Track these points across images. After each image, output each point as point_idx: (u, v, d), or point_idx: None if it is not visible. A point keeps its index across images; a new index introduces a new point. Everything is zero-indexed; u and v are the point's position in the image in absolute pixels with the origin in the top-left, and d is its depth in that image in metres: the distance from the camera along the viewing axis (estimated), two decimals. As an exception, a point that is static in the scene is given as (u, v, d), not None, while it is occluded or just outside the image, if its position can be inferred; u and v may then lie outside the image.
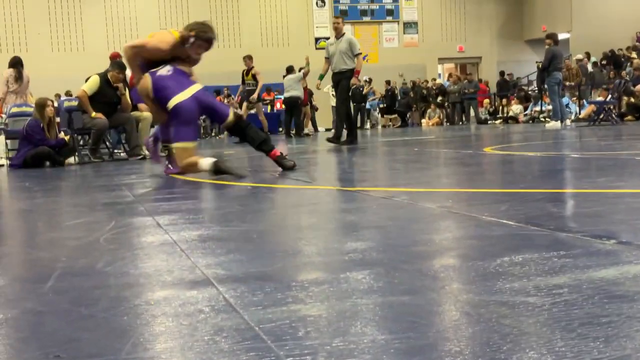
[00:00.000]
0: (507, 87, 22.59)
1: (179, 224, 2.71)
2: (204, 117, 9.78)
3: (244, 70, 13.38)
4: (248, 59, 13.20)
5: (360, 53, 9.68)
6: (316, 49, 23.81)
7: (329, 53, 9.85)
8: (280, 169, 5.09)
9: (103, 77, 8.60)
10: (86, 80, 8.81)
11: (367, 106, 21.65)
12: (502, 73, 22.90)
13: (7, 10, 20.77)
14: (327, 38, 24.44)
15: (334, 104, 12.94)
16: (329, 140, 9.86)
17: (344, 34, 9.83)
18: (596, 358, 1.01)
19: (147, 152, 8.78)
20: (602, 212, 2.52)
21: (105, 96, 8.54)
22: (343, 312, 1.33)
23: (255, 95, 13.98)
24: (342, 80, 9.66)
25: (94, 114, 8.40)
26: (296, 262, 1.89)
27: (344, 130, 9.83)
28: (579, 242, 1.90)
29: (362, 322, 1.26)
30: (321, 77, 10.10)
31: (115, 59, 10.88)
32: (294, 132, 15.78)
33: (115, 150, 9.74)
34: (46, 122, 7.83)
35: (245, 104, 13.68)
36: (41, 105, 7.94)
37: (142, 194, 4.12)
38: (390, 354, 1.08)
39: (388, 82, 23.13)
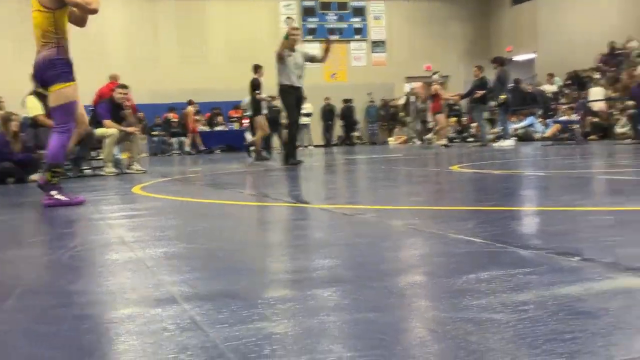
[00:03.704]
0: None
1: (145, 241, 2.68)
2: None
3: (257, 81, 11.89)
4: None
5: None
6: (284, 65, 23.83)
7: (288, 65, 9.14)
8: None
9: (34, 92, 8.28)
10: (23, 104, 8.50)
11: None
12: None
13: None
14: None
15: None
16: (290, 163, 9.07)
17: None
18: (561, 374, 1.01)
19: (114, 170, 8.67)
20: (567, 229, 2.55)
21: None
22: (310, 329, 1.32)
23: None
24: (301, 97, 9.30)
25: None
26: (263, 279, 1.87)
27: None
28: (543, 259, 1.93)
29: (329, 339, 1.26)
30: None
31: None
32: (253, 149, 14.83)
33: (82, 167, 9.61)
34: (11, 136, 7.70)
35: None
36: (5, 119, 7.81)
37: (106, 210, 4.07)
38: (357, 371, 1.07)
39: (346, 100, 23.39)
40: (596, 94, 18.09)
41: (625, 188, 4.28)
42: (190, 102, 19.62)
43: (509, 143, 14.33)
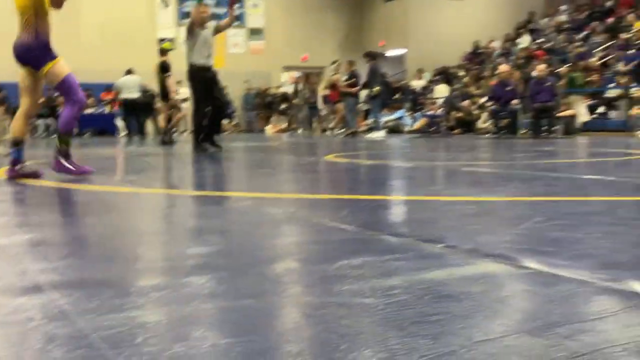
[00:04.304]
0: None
1: (6, 227, 2.54)
2: None
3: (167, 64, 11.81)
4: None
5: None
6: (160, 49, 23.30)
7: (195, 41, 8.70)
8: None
9: None
10: None
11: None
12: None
13: None
14: (172, 39, 24.02)
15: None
16: (212, 146, 8.62)
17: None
18: (425, 354, 1.08)
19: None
20: (432, 218, 2.69)
21: None
22: (184, 317, 1.32)
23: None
24: (215, 76, 8.82)
25: None
26: (136, 267, 1.84)
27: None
28: (411, 246, 2.02)
29: (203, 326, 1.26)
30: None
31: None
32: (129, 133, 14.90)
33: None
34: None
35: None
36: None
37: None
38: (232, 357, 1.08)
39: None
40: (440, 92, 19.44)
41: (485, 179, 4.54)
42: None
43: (380, 135, 14.89)
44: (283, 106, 23.61)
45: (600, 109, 15.65)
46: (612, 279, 1.55)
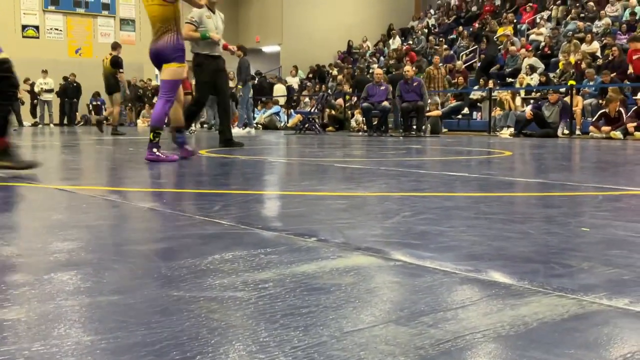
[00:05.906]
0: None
1: None
2: None
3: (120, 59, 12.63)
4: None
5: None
6: (23, 37, 22.09)
7: (204, 26, 7.69)
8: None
9: None
10: None
11: None
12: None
13: None
14: (36, 27, 22.75)
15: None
16: (229, 144, 8.03)
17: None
18: (296, 346, 1.08)
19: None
20: (305, 212, 2.71)
21: None
22: (45, 314, 1.25)
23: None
24: (224, 69, 8.05)
25: None
26: (-8, 263, 1.72)
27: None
28: (283, 240, 2.03)
29: (66, 324, 1.20)
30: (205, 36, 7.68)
31: None
32: None
33: None
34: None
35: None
36: None
37: None
38: (97, 354, 1.04)
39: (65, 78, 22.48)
40: (277, 91, 19.98)
41: (356, 175, 4.65)
42: None
43: (248, 130, 15.07)
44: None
45: (465, 110, 16.48)
46: (473, 270, 1.63)
